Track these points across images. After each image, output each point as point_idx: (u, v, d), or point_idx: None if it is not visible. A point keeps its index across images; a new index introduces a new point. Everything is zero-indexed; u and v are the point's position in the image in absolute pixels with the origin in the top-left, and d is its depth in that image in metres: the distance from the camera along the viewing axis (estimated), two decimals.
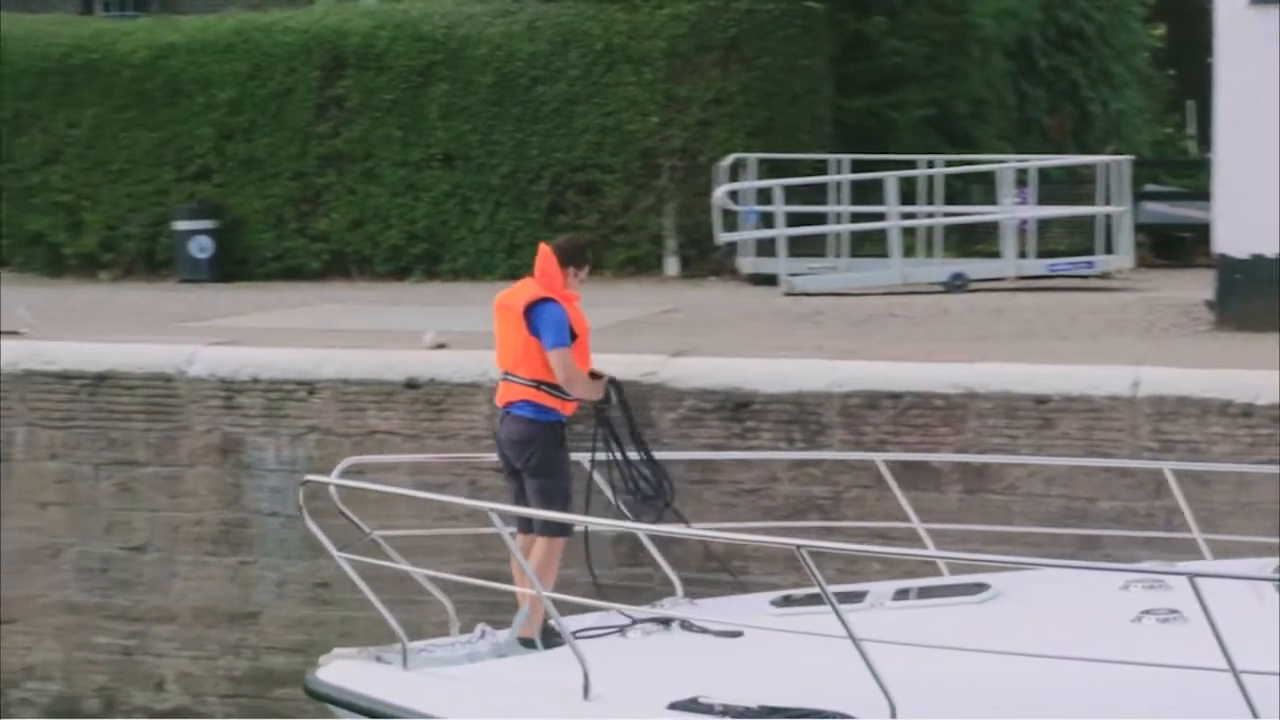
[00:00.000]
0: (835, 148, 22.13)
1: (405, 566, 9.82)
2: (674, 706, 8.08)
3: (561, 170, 21.43)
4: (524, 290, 10.57)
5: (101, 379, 13.81)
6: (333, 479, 9.62)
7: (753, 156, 21.05)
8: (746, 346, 14.10)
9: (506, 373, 10.50)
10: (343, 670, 9.28)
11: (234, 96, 21.95)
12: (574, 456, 10.85)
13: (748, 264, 20.85)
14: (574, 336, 10.50)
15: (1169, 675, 7.56)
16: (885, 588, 9.56)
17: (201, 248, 21.73)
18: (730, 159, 20.84)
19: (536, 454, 10.35)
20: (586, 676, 8.33)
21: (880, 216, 20.29)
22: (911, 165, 21.11)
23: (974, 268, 20.41)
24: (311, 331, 15.60)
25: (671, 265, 21.35)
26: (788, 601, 9.34)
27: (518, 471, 10.49)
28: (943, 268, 20.37)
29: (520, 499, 10.50)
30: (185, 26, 22.71)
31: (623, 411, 10.73)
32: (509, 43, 21.52)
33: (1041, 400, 12.08)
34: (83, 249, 22.47)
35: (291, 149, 21.84)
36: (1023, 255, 20.40)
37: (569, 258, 10.61)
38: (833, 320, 16.82)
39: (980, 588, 9.25)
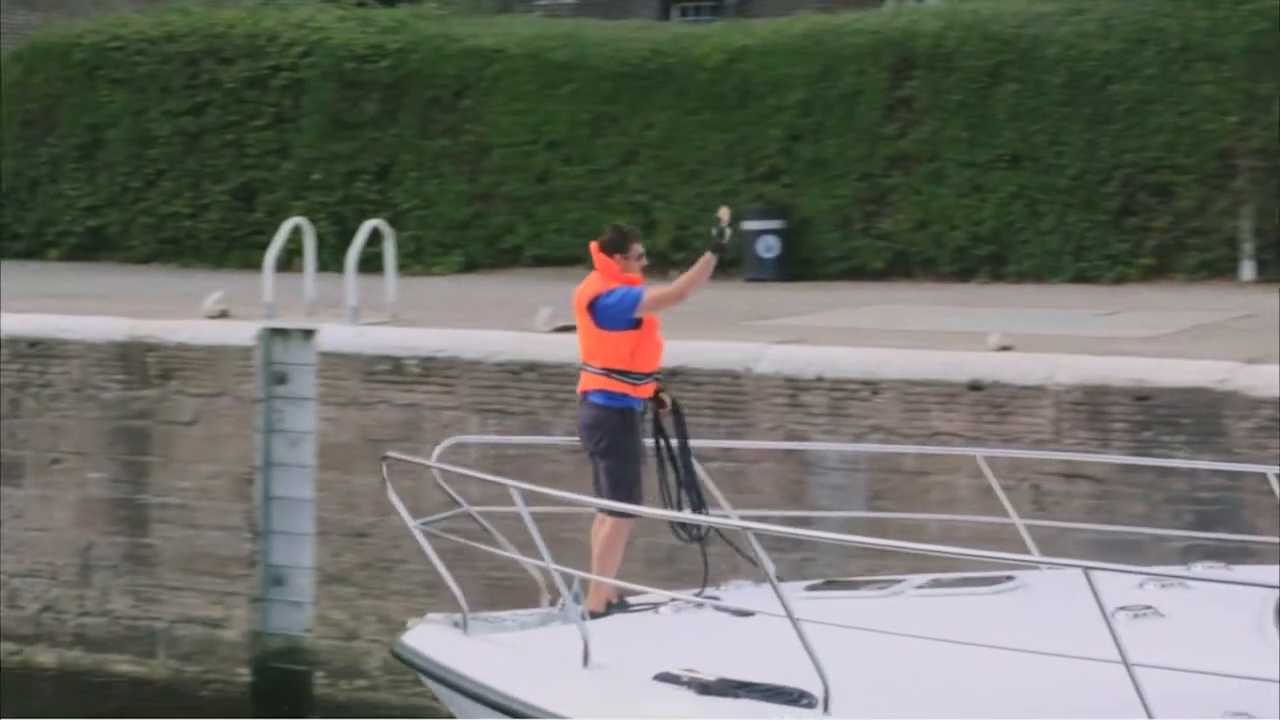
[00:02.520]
0: None
1: (504, 546, 10.37)
2: (657, 678, 8.85)
3: (1133, 171, 20.93)
4: (589, 286, 10.99)
5: (672, 374, 14.14)
6: (432, 460, 10.35)
7: None
8: None
9: (584, 363, 11.00)
10: (420, 634, 10.27)
11: (803, 98, 22.21)
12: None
13: None
14: (639, 321, 10.81)
15: (1140, 671, 7.81)
16: (918, 578, 9.93)
17: (768, 247, 22.07)
18: None
19: (605, 438, 10.79)
20: (587, 646, 9.18)
21: None
22: None
23: None
24: (875, 331, 15.67)
25: (1247, 269, 20.64)
26: (823, 585, 9.85)
27: (594, 454, 10.95)
28: None
29: (598, 481, 10.95)
30: (758, 30, 23.10)
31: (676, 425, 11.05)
32: (1081, 41, 21.16)
33: None
34: (655, 247, 23.05)
35: (859, 150, 21.96)
36: None
37: (610, 247, 11.02)
38: None
39: (1004, 579, 9.55)
